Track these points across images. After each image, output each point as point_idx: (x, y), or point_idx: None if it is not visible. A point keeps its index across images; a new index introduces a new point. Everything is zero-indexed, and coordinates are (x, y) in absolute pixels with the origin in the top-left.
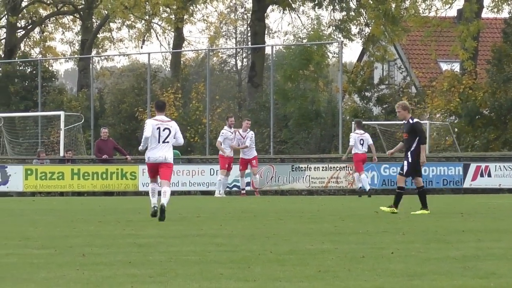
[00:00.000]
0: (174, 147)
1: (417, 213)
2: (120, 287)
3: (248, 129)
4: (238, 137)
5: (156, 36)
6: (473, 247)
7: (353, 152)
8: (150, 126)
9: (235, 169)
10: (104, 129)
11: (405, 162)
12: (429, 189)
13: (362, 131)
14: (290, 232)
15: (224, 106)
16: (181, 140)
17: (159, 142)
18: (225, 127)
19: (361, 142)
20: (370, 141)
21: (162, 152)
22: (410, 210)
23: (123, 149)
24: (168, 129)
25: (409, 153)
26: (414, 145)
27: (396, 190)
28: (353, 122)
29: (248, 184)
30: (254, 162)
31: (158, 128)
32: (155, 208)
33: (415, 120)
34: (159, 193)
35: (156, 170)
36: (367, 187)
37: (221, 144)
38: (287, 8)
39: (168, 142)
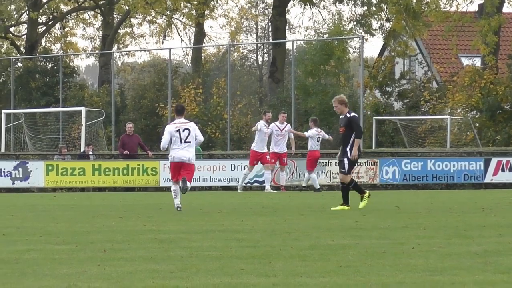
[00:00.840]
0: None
1: (337, 208)
2: (141, 282)
3: (285, 122)
4: (275, 129)
5: (177, 31)
6: (495, 242)
7: (309, 149)
8: (167, 133)
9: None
10: (129, 125)
11: (345, 160)
12: (450, 184)
13: (319, 129)
14: (311, 228)
15: (245, 101)
16: (200, 138)
17: (181, 142)
18: (261, 121)
19: (318, 140)
20: (326, 137)
21: (186, 153)
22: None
23: (146, 146)
24: (188, 129)
25: (347, 149)
26: (352, 139)
27: (340, 188)
28: (310, 120)
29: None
30: (284, 159)
31: (178, 130)
32: (179, 209)
33: (353, 114)
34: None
35: (179, 169)
36: (317, 186)
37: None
38: (308, 3)
39: (189, 142)
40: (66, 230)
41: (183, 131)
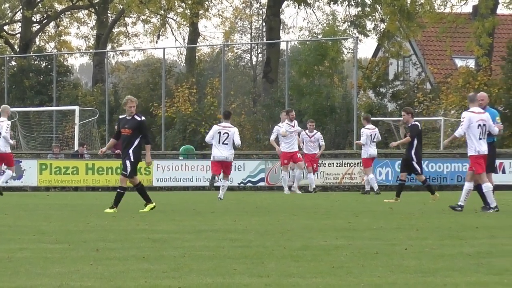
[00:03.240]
0: (192, 143)
1: (145, 210)
2: (133, 282)
3: (314, 130)
4: (304, 136)
5: (171, 31)
6: (487, 244)
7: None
8: (212, 131)
9: (252, 164)
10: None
11: (127, 162)
12: (443, 185)
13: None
14: (304, 228)
15: (239, 101)
16: (238, 142)
17: (219, 143)
18: (286, 121)
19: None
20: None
21: (223, 153)
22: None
23: None
24: (227, 133)
25: (130, 152)
26: (136, 142)
27: (117, 190)
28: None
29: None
30: (315, 165)
31: (219, 132)
32: (220, 199)
33: (143, 118)
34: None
35: (219, 165)
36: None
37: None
38: (302, 4)
39: (227, 144)
40: (59, 229)
41: (223, 134)
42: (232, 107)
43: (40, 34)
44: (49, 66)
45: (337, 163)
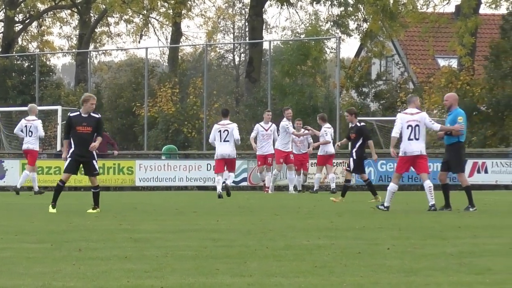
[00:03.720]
0: (175, 143)
1: (92, 211)
2: (116, 282)
3: (302, 129)
4: (292, 136)
5: (154, 30)
6: (469, 243)
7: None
8: (213, 131)
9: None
10: None
11: (94, 162)
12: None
13: None
14: (287, 228)
15: (222, 101)
16: (237, 137)
17: (221, 141)
18: (285, 120)
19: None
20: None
21: (226, 150)
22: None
23: (115, 144)
24: (227, 130)
25: (93, 151)
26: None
27: (92, 190)
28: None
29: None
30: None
31: (220, 130)
32: (220, 194)
33: (100, 115)
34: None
35: (222, 163)
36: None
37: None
38: (285, 3)
39: (228, 140)
40: (41, 229)
41: (224, 132)
42: (215, 106)
43: (22, 34)
44: (31, 66)
45: None
